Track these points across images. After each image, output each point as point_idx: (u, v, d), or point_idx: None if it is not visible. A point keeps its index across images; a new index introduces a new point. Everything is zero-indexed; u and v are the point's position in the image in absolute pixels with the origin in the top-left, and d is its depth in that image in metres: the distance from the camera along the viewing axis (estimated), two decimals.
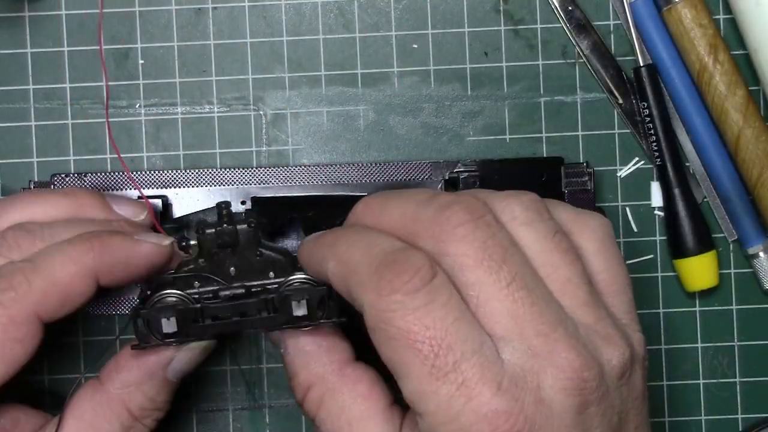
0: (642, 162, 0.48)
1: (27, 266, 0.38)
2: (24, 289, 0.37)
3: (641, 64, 0.47)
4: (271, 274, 0.39)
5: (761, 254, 0.48)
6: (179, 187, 0.46)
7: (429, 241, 0.34)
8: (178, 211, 0.46)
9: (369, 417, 0.37)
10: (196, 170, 0.46)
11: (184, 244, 0.40)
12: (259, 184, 0.46)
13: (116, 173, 0.46)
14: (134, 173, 0.45)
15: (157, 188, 0.45)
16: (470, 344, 0.33)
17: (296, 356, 0.39)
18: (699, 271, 0.47)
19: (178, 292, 0.39)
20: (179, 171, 0.46)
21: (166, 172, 0.46)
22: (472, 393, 0.32)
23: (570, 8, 0.48)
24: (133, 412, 0.40)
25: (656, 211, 0.48)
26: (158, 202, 0.45)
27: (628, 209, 0.48)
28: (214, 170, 0.46)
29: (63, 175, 0.45)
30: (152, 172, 0.46)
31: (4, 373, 0.37)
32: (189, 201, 0.46)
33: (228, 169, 0.46)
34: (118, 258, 0.39)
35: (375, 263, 0.34)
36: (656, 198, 0.48)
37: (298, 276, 0.39)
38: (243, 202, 0.46)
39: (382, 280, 0.33)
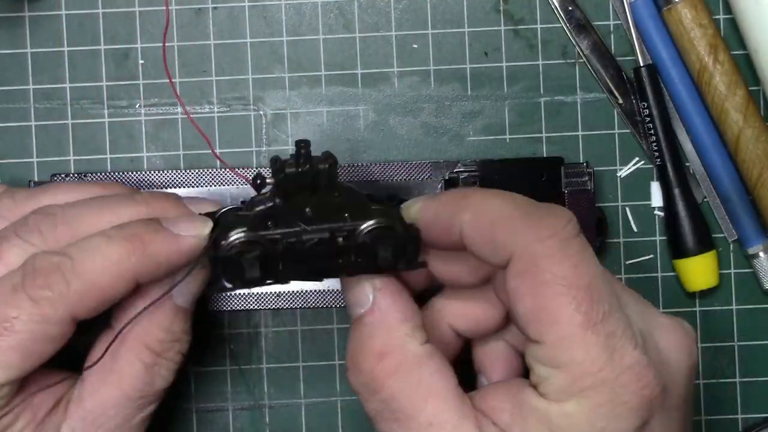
0: (642, 162, 0.48)
1: (65, 264, 0.36)
2: (61, 289, 0.36)
3: (641, 64, 0.47)
4: (347, 215, 0.37)
5: (761, 254, 0.48)
6: (179, 187, 0.45)
7: None
8: None
9: (447, 391, 0.35)
10: (196, 170, 0.46)
11: (259, 182, 0.38)
12: None
13: (116, 173, 0.46)
14: (134, 173, 0.45)
15: (157, 188, 0.45)
16: (615, 299, 0.34)
17: (378, 320, 0.37)
18: (699, 271, 0.47)
19: (257, 233, 0.37)
20: (179, 171, 0.46)
21: (166, 172, 0.46)
22: (617, 345, 0.33)
23: (570, 8, 0.48)
24: (152, 348, 0.38)
25: (656, 211, 0.48)
26: None
27: (628, 209, 0.48)
28: (214, 170, 0.46)
29: (63, 175, 0.45)
30: (152, 172, 0.46)
31: (30, 368, 0.36)
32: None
33: (228, 169, 0.46)
34: (159, 259, 0.37)
35: (526, 210, 0.35)
36: (656, 198, 0.48)
37: (375, 220, 0.37)
38: (243, 202, 0.45)
39: (540, 224, 0.34)
